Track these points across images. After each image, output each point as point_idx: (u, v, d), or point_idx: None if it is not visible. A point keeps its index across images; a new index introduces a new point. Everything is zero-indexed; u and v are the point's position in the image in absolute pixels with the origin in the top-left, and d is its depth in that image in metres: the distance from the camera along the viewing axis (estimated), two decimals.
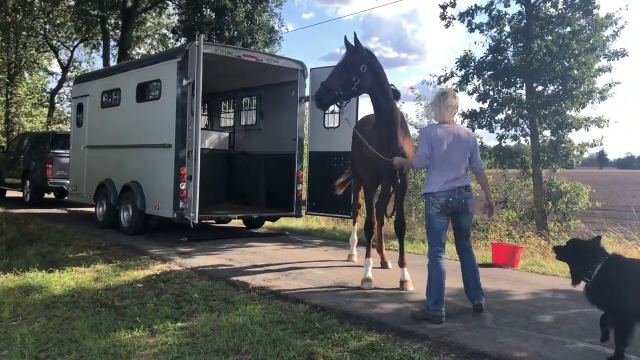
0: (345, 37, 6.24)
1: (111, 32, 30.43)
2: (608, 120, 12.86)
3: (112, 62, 27.60)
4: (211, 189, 11.71)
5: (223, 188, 12.81)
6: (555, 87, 12.97)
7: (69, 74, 36.67)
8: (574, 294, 6.34)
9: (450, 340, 4.53)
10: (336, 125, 10.39)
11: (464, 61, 13.57)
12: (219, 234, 11.15)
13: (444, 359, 4.13)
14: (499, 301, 5.98)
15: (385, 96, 6.34)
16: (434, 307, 5.08)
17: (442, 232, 5.28)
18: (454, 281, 6.33)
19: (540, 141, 13.26)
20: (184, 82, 9.15)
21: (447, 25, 13.93)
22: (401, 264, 6.63)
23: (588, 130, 12.90)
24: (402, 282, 6.50)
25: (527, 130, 13.30)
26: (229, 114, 13.70)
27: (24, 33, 34.02)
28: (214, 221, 12.22)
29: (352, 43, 6.14)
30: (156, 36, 34.10)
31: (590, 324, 5.13)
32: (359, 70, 6.07)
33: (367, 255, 6.80)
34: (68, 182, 14.04)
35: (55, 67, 40.81)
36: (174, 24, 29.37)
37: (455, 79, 13.86)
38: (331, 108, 10.42)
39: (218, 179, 12.61)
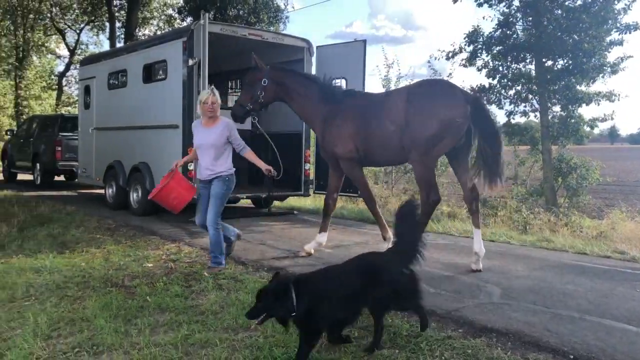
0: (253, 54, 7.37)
1: (117, 14, 30.31)
2: (619, 95, 12.72)
3: (119, 44, 27.52)
4: None
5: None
6: (565, 61, 12.80)
7: (76, 56, 36.64)
8: (582, 269, 6.34)
9: (459, 316, 4.54)
10: None
11: (472, 36, 13.41)
12: (227, 213, 11.16)
13: (452, 334, 4.14)
14: (507, 277, 5.97)
15: (295, 100, 7.24)
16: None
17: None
18: (462, 257, 6.32)
19: (550, 117, 13.13)
20: (190, 62, 9.12)
21: (455, 0, 13.73)
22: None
23: (599, 104, 12.78)
24: None
25: (537, 106, 13.17)
26: (236, 94, 13.62)
27: (31, 16, 33.96)
28: None
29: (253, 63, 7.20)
30: (162, 17, 33.93)
31: (598, 297, 5.13)
32: (261, 84, 7.13)
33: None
34: (77, 164, 14.11)
35: (63, 50, 40.85)
36: (179, 4, 29.22)
37: (464, 55, 13.72)
38: None
39: None
